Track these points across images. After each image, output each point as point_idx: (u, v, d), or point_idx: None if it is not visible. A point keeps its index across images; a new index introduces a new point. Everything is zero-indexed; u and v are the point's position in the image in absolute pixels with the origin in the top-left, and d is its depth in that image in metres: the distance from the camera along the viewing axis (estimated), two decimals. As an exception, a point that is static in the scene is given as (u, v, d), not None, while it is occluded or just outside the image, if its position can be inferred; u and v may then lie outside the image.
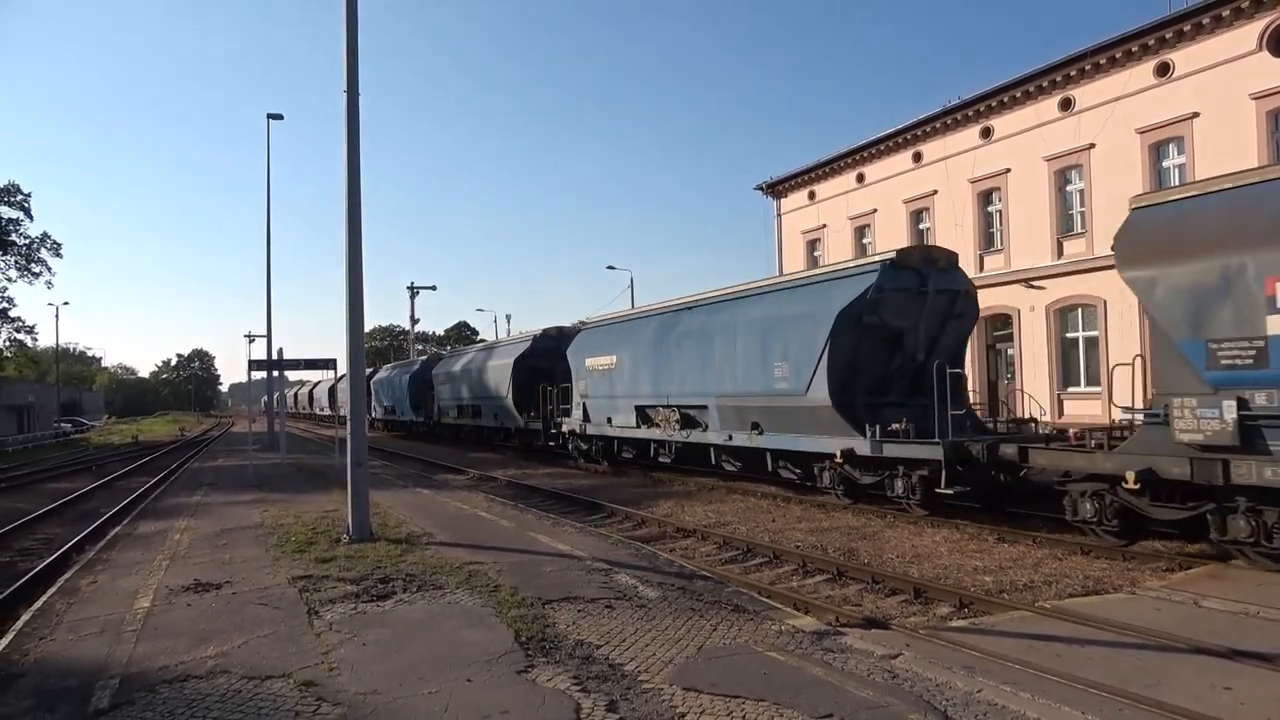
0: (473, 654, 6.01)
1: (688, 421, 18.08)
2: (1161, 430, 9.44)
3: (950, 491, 12.10)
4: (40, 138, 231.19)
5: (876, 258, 14.44)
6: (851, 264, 15.03)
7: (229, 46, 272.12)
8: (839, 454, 13.59)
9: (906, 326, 13.80)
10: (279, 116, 32.05)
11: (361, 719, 4.94)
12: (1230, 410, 8.71)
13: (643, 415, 19.88)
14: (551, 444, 25.77)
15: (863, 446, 13.25)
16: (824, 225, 34.23)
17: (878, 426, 13.00)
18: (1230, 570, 9.13)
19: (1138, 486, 9.46)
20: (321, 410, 66.84)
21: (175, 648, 6.41)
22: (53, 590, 8.91)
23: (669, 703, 5.03)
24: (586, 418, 22.59)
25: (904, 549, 10.93)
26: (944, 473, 12.00)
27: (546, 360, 26.56)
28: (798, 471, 15.46)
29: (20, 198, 48.93)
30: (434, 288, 72.32)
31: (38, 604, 8.31)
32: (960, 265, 15.22)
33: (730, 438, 16.67)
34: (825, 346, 13.69)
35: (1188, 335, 9.23)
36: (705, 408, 17.42)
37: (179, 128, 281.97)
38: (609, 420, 21.39)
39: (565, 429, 24.04)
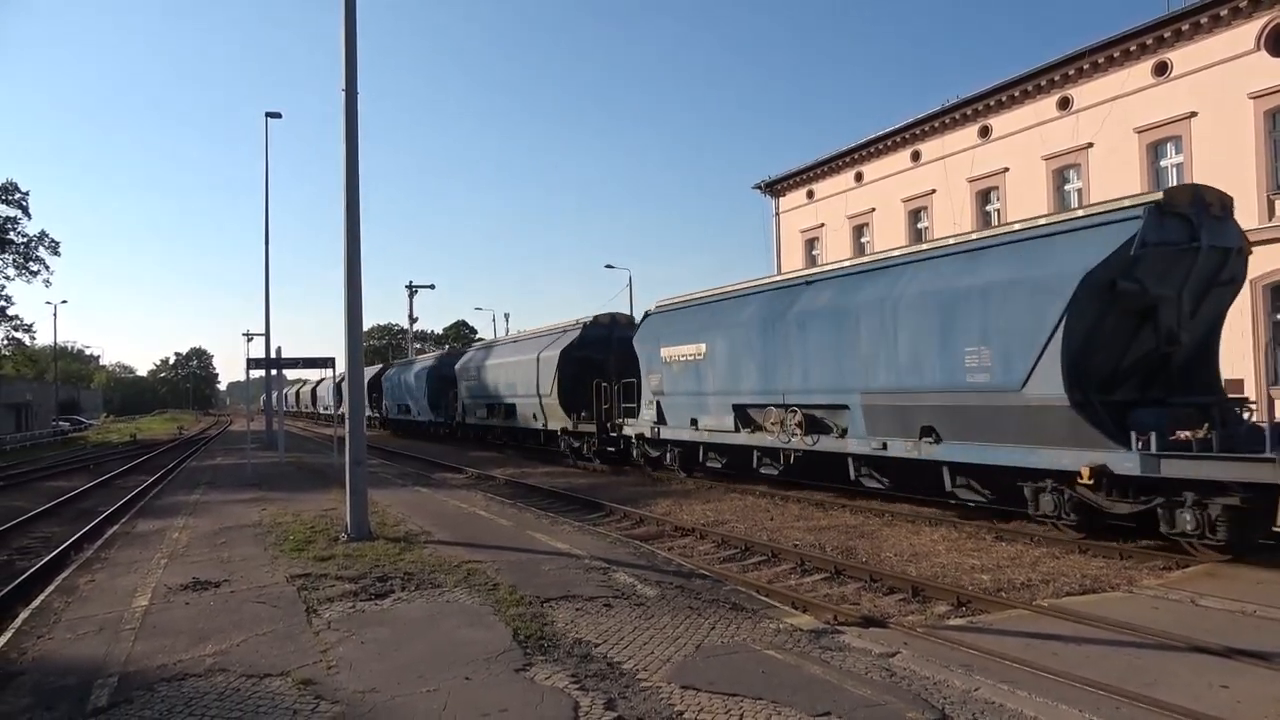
0: (471, 652, 6.01)
1: (814, 425, 14.48)
2: None
3: None
4: (40, 138, 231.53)
5: (1128, 201, 10.51)
6: (1082, 212, 11.11)
7: (229, 46, 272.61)
8: (1085, 472, 9.83)
9: (1167, 295, 10.20)
10: (277, 115, 31.99)
11: (359, 717, 4.94)
12: None
13: (744, 417, 16.40)
14: (611, 450, 22.18)
15: (1125, 462, 9.56)
16: (822, 224, 34.25)
17: (1152, 434, 9.39)
18: (1227, 569, 9.14)
19: None
20: (326, 409, 65.39)
21: (174, 646, 6.41)
22: (51, 588, 8.91)
23: (667, 701, 5.03)
24: (661, 419, 19.09)
25: (902, 547, 10.94)
26: None
27: (598, 351, 23.31)
28: (987, 493, 11.96)
29: (18, 196, 49.06)
30: (432, 287, 72.71)
31: (36, 602, 8.32)
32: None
33: (884, 447, 12.86)
34: (1059, 324, 10.05)
35: None
36: (844, 408, 13.72)
37: (179, 128, 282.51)
38: (693, 422, 17.86)
39: (630, 432, 20.55)
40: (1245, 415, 11.16)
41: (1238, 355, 20.13)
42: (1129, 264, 9.92)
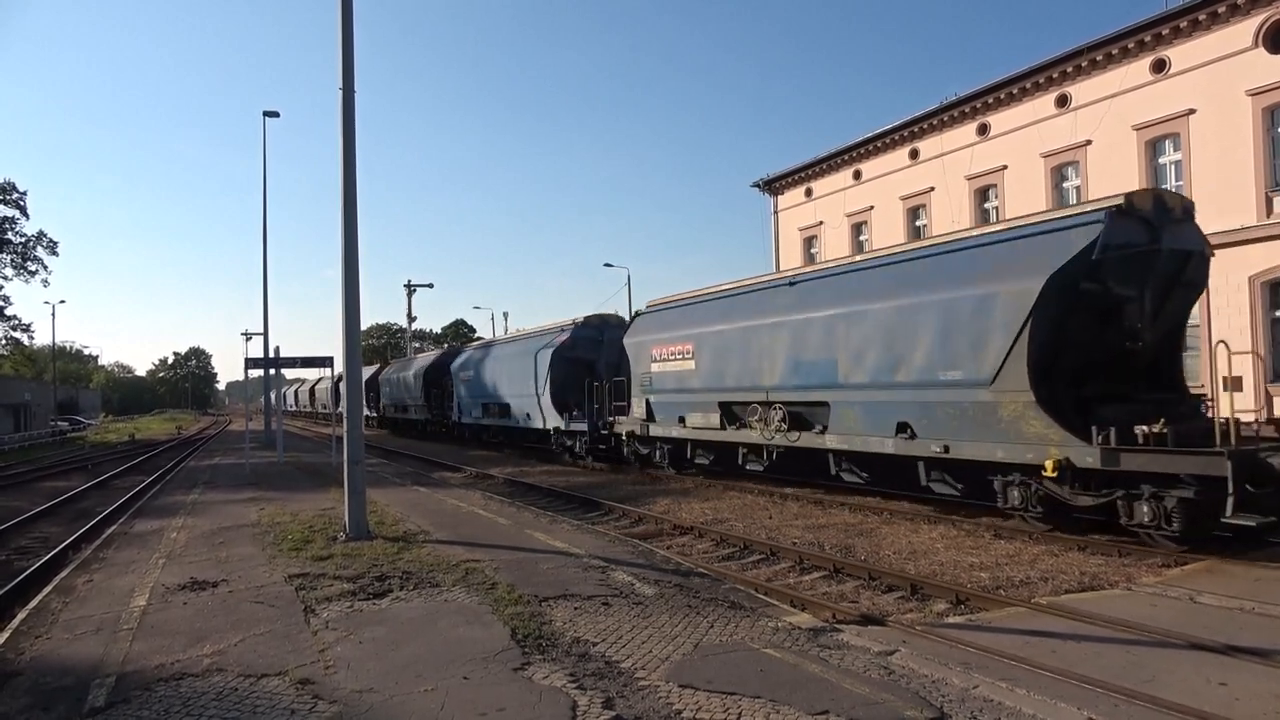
0: (469, 652, 6.00)
1: None
2: None
3: None
4: (40, 137, 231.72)
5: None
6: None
7: (230, 46, 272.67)
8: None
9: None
10: (275, 114, 32.04)
11: (357, 717, 4.93)
12: None
13: None
14: None
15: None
16: (821, 222, 34.24)
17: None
18: (1226, 566, 9.15)
19: None
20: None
21: (171, 646, 6.40)
22: (49, 589, 8.90)
23: (665, 700, 5.02)
24: None
25: (900, 545, 10.94)
26: None
27: (1125, 281, 10.41)
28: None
29: (15, 196, 48.94)
30: (431, 285, 72.69)
31: (34, 603, 8.30)
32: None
33: None
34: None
35: None
36: None
37: (179, 127, 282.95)
38: None
39: None
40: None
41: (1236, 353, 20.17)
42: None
